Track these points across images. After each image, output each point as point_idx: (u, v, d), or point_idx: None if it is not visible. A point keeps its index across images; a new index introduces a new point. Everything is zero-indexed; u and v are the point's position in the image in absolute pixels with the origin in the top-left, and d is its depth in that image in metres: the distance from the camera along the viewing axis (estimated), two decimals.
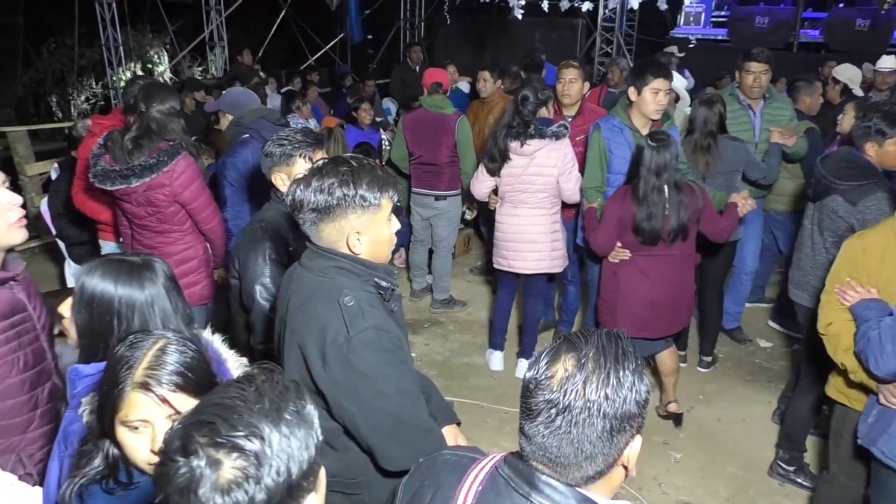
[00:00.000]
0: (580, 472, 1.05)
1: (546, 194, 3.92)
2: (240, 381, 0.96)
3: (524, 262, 4.03)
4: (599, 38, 11.37)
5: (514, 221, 4.00)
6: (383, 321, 1.64)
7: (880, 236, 2.42)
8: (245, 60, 9.47)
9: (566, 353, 1.05)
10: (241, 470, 0.86)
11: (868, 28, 10.09)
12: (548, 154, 3.83)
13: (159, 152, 3.04)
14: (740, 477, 3.45)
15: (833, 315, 2.47)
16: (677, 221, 3.19)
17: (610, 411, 1.01)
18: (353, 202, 1.60)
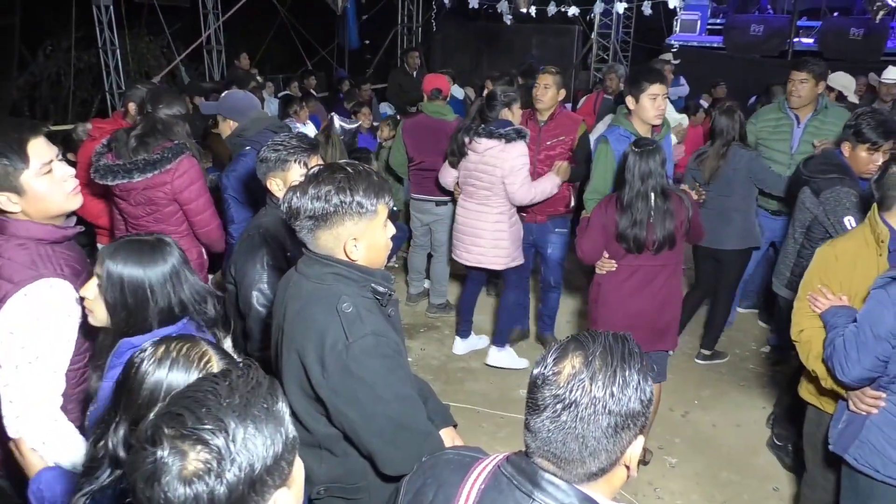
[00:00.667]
0: (583, 468, 1.07)
1: (490, 193, 4.08)
2: (216, 376, 0.99)
3: (468, 253, 4.28)
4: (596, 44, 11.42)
5: (463, 213, 4.27)
6: (381, 327, 1.65)
7: (851, 243, 2.49)
8: (242, 64, 9.48)
9: (574, 351, 1.08)
10: (203, 463, 0.89)
11: (862, 37, 10.18)
12: (497, 154, 3.97)
13: (163, 150, 3.07)
14: (735, 482, 3.47)
15: (804, 322, 2.53)
16: (663, 230, 3.07)
17: (615, 408, 1.04)
18: (349, 209, 1.61)
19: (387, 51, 12.69)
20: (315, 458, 1.74)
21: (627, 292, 3.22)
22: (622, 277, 3.23)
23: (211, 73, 11.34)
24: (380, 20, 12.67)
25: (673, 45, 11.15)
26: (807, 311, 2.52)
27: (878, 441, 2.26)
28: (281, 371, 1.75)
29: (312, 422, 1.72)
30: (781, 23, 10.98)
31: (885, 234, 2.40)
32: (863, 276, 2.40)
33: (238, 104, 3.46)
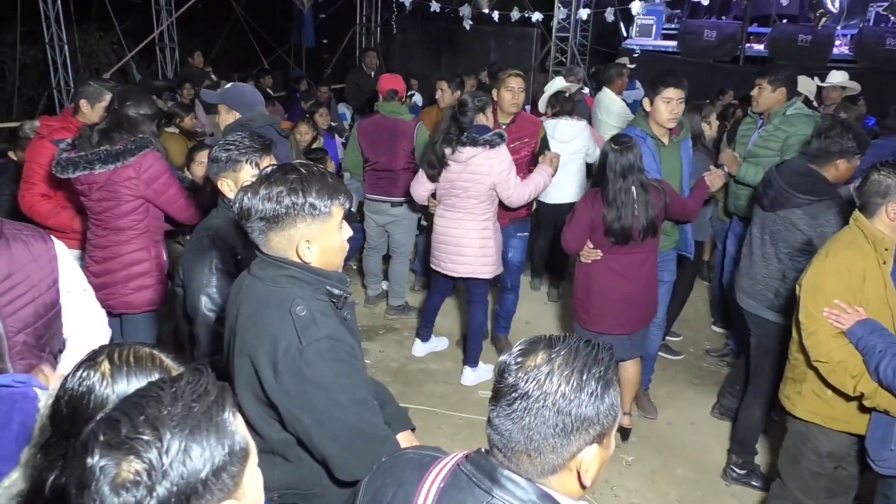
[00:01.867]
0: (531, 463, 1.07)
1: (477, 201, 3.97)
2: (164, 381, 0.96)
3: (454, 265, 4.12)
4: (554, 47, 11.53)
5: (446, 224, 4.10)
6: (336, 330, 1.62)
7: (853, 253, 2.43)
8: (196, 62, 9.29)
9: (542, 347, 1.09)
10: (134, 474, 0.86)
11: (809, 43, 10.48)
12: (482, 161, 3.87)
13: (127, 142, 3.03)
14: (690, 479, 3.52)
15: (830, 342, 2.41)
16: (646, 219, 3.27)
17: (564, 408, 1.04)
18: (302, 210, 1.57)
19: (345, 51, 12.59)
20: (268, 464, 1.69)
21: (617, 279, 3.43)
22: (612, 265, 3.44)
23: (164, 70, 11.08)
24: (338, 20, 12.57)
25: (635, 50, 11.31)
26: (828, 329, 2.41)
27: None
28: (233, 375, 1.70)
29: (265, 427, 1.68)
30: (733, 29, 11.25)
31: (889, 241, 2.40)
32: (872, 286, 2.40)
33: (245, 96, 3.39)
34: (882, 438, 2.39)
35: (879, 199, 2.40)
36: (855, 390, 2.37)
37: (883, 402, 2.34)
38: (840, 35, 11.15)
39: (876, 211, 2.41)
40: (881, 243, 2.41)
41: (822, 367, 2.46)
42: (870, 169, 2.45)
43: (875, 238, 2.41)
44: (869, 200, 2.43)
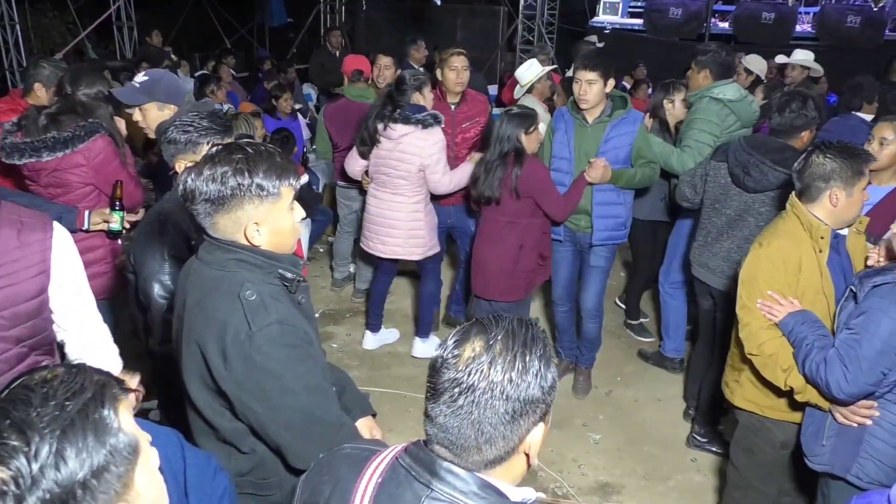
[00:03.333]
0: (480, 455, 1.04)
1: (406, 181, 3.90)
2: (35, 381, 0.90)
3: (383, 245, 4.07)
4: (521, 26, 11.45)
5: (376, 203, 4.05)
6: (288, 315, 1.56)
7: (787, 241, 2.34)
8: (154, 42, 9.03)
9: (476, 334, 1.05)
10: (1, 483, 0.82)
11: (773, 21, 10.55)
12: (413, 141, 3.80)
13: (76, 128, 2.89)
14: (656, 455, 3.56)
15: (762, 334, 2.36)
16: (489, 189, 3.47)
17: (513, 394, 1.01)
18: (248, 192, 1.51)
19: (310, 30, 12.35)
20: (223, 454, 1.65)
21: (483, 242, 3.68)
22: (482, 229, 3.71)
23: (122, 51, 10.76)
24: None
25: (603, 27, 11.30)
26: (760, 321, 2.36)
27: (888, 454, 2.12)
28: (181, 364, 1.64)
29: (216, 417, 1.63)
30: (698, 6, 11.26)
31: (823, 230, 2.30)
32: (808, 276, 2.32)
33: (173, 86, 2.95)
34: (814, 433, 2.32)
35: (822, 183, 2.27)
36: (786, 384, 2.32)
37: (813, 397, 2.27)
38: (803, 13, 11.26)
39: (818, 196, 2.30)
40: (817, 231, 2.31)
41: (755, 360, 2.40)
42: (812, 150, 2.33)
43: (811, 225, 2.31)
44: (811, 184, 2.29)
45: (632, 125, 3.61)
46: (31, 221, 1.90)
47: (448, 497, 1.04)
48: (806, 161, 2.33)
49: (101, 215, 2.96)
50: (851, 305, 2.19)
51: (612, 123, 3.58)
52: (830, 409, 2.26)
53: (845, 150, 2.29)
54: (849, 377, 2.07)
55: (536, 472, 3.39)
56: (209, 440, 1.68)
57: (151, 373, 2.43)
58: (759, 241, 2.44)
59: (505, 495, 1.07)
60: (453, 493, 1.04)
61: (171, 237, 2.20)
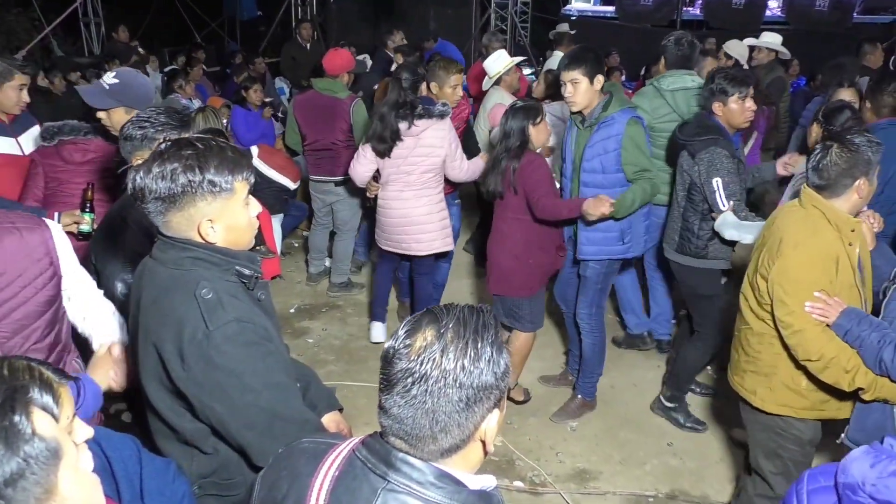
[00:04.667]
0: (435, 444, 1.04)
1: (433, 174, 3.86)
2: None
3: (417, 243, 3.94)
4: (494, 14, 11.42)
5: (401, 205, 3.89)
6: (246, 312, 1.53)
7: (823, 240, 2.28)
8: (121, 37, 8.87)
9: (427, 323, 1.05)
10: None
11: (744, 6, 10.64)
12: (434, 134, 3.75)
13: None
14: (632, 440, 3.58)
15: (820, 339, 2.25)
16: (494, 184, 3.44)
17: (466, 381, 1.01)
18: (200, 188, 1.47)
19: (282, 23, 12.21)
20: (185, 456, 1.63)
21: (490, 239, 3.66)
22: (492, 226, 3.66)
23: (90, 47, 10.57)
24: None
25: (578, 14, 11.33)
26: (814, 326, 2.26)
27: None
28: (138, 365, 1.61)
29: (176, 418, 1.59)
30: None
31: (853, 223, 2.29)
32: (843, 272, 2.28)
33: (143, 87, 2.87)
34: (878, 426, 2.25)
35: (849, 179, 2.24)
36: (851, 385, 2.23)
37: (883, 393, 2.22)
38: None
39: (845, 191, 2.25)
40: (847, 225, 2.27)
41: (814, 365, 2.28)
42: (829, 145, 2.27)
43: (840, 220, 2.27)
44: (838, 181, 2.24)
45: (617, 127, 3.29)
46: (25, 224, 1.93)
47: (405, 488, 1.04)
48: (825, 156, 2.26)
49: (72, 216, 2.92)
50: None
51: (598, 125, 3.32)
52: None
53: (861, 139, 2.26)
54: None
55: (514, 461, 3.40)
56: (170, 442, 1.65)
57: None
58: (791, 243, 2.30)
59: (462, 483, 1.06)
60: (410, 484, 1.04)
61: (132, 234, 2.16)
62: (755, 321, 2.48)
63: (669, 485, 3.28)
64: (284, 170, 4.85)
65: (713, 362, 3.91)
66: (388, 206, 3.94)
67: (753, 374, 2.53)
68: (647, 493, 3.23)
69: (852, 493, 1.41)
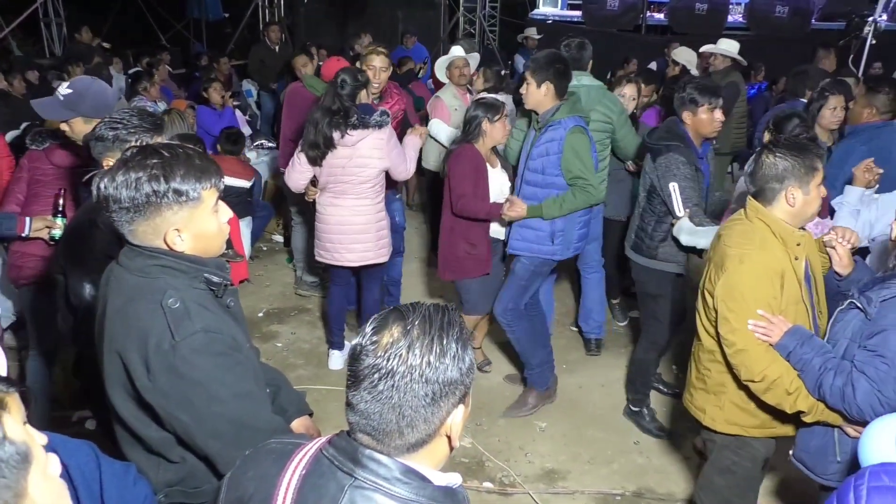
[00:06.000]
0: (402, 439, 1.06)
1: (370, 185, 3.74)
2: None
3: (350, 253, 3.83)
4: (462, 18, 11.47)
5: (338, 213, 3.77)
6: (214, 322, 1.52)
7: (768, 254, 2.22)
8: (84, 38, 8.70)
9: (394, 321, 1.08)
10: None
11: (706, 12, 10.85)
12: (372, 144, 3.63)
13: None
14: (600, 439, 3.63)
15: (763, 360, 2.20)
16: (441, 166, 3.67)
17: (432, 376, 1.04)
18: (166, 198, 1.46)
19: (250, 26, 12.10)
20: (152, 464, 1.61)
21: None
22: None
23: (51, 48, 10.35)
24: None
25: (545, 19, 11.43)
26: (756, 346, 2.20)
27: None
28: (103, 373, 1.59)
29: (142, 427, 1.58)
30: None
31: (798, 236, 2.24)
32: (789, 287, 2.22)
33: (99, 97, 2.72)
34: (820, 450, 2.24)
35: (776, 184, 2.19)
36: (793, 407, 2.19)
37: (825, 417, 2.18)
38: (734, 3, 11.60)
39: (774, 197, 2.21)
40: (792, 238, 2.22)
41: (756, 385, 2.23)
42: (761, 150, 2.26)
43: (785, 232, 2.22)
44: (765, 186, 2.21)
45: (560, 133, 3.31)
46: None
47: (371, 484, 1.06)
48: (757, 162, 2.23)
49: (44, 221, 2.90)
50: (856, 319, 2.11)
51: (546, 128, 3.36)
52: (842, 425, 2.17)
53: (795, 147, 2.22)
54: (883, 401, 1.96)
55: (483, 462, 3.43)
56: (136, 450, 1.63)
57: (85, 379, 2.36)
58: (736, 257, 2.24)
59: (428, 479, 1.09)
60: (376, 480, 1.06)
61: (102, 236, 2.12)
62: (705, 337, 2.42)
63: (636, 483, 3.34)
64: (238, 173, 4.92)
65: (679, 362, 3.99)
66: (324, 212, 3.83)
67: (703, 391, 2.48)
68: (615, 491, 3.28)
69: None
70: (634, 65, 8.24)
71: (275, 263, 5.70)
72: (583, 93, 3.85)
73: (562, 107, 3.36)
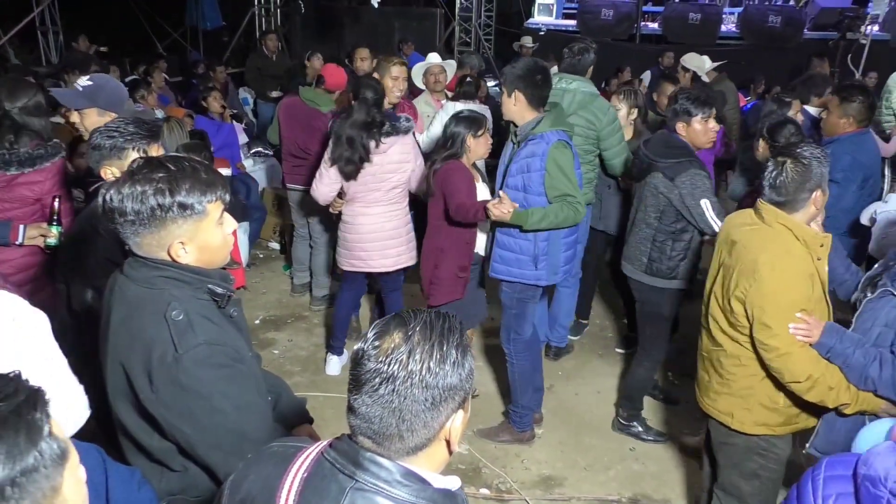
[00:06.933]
0: (402, 443, 1.09)
1: (400, 189, 3.84)
2: None
3: (385, 259, 3.88)
4: (458, 27, 11.54)
5: (370, 221, 3.81)
6: (217, 334, 1.54)
7: (798, 258, 2.26)
8: (81, 47, 8.73)
9: (396, 327, 1.10)
10: None
11: (700, 21, 10.93)
12: (400, 149, 3.74)
13: (44, 146, 2.96)
14: (596, 446, 3.66)
15: (806, 361, 2.25)
16: (426, 184, 3.55)
17: (432, 382, 1.07)
18: (171, 211, 1.48)
19: (247, 34, 12.14)
20: (154, 473, 1.63)
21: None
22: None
23: (48, 56, 10.36)
24: (236, 1, 12.10)
25: (540, 28, 11.50)
26: (799, 348, 2.25)
27: None
28: (105, 382, 1.61)
29: (144, 436, 1.60)
30: (629, 8, 11.58)
31: (822, 237, 2.29)
32: (816, 288, 2.29)
33: (117, 91, 2.94)
34: (847, 436, 2.25)
35: (807, 193, 2.23)
36: (836, 401, 2.26)
37: (865, 406, 2.26)
38: (727, 13, 11.69)
39: (804, 205, 2.25)
40: (815, 240, 2.26)
41: (800, 386, 2.27)
42: (783, 161, 2.25)
43: (808, 237, 2.26)
44: (796, 195, 2.23)
45: (542, 147, 3.12)
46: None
47: (372, 486, 1.08)
48: (780, 172, 2.24)
49: (39, 229, 2.92)
50: (889, 306, 2.21)
51: (526, 141, 3.19)
52: (887, 410, 2.23)
53: (810, 152, 2.26)
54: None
55: (480, 468, 3.44)
56: (139, 458, 1.65)
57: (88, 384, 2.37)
58: (768, 264, 2.25)
59: (428, 482, 1.11)
60: (377, 483, 1.08)
61: (103, 241, 2.14)
62: (728, 343, 2.43)
63: (632, 489, 3.36)
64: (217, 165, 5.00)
65: (673, 368, 4.02)
66: (354, 221, 3.86)
67: (728, 395, 2.49)
68: (611, 497, 3.31)
69: (872, 486, 1.44)
70: (628, 73, 8.31)
71: (271, 271, 5.72)
72: (567, 97, 3.88)
73: (543, 119, 3.17)
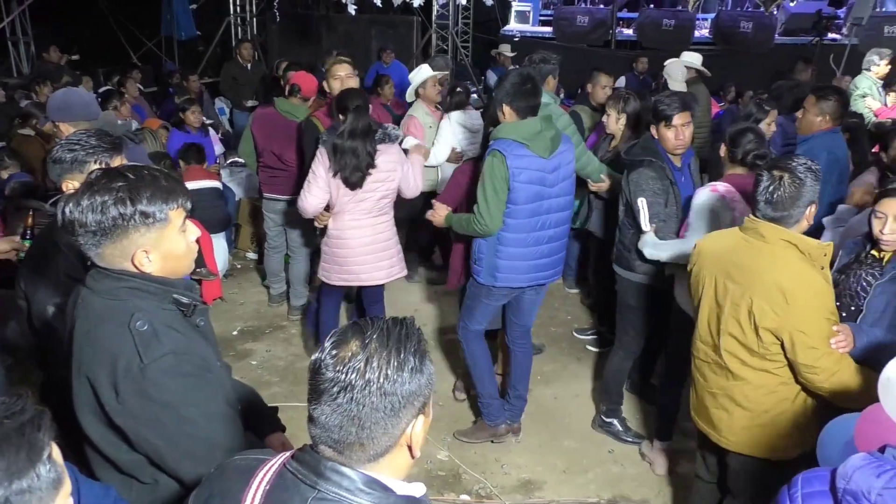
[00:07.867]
0: (363, 450, 1.09)
1: (388, 199, 3.74)
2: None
3: (378, 272, 3.81)
4: (435, 34, 11.57)
5: (361, 234, 3.70)
6: (182, 344, 1.52)
7: (812, 275, 2.23)
8: (52, 58, 8.63)
9: (353, 335, 1.10)
10: None
11: (673, 27, 11.08)
12: (388, 158, 3.64)
13: None
14: (575, 449, 3.67)
15: (852, 373, 2.22)
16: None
17: (390, 389, 1.07)
18: (132, 220, 1.46)
19: (222, 43, 12.08)
20: (124, 486, 1.61)
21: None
22: None
23: (19, 67, 10.23)
24: (210, 10, 12.03)
25: (515, 36, 11.57)
26: (846, 365, 2.23)
27: None
28: (73, 397, 1.58)
29: (112, 450, 1.58)
30: (604, 14, 11.71)
31: (825, 247, 2.27)
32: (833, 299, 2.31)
33: (90, 108, 2.94)
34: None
35: (803, 207, 2.22)
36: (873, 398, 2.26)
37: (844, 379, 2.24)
38: (700, 19, 11.86)
39: (802, 217, 2.24)
40: (819, 251, 2.24)
41: (827, 391, 2.26)
42: (780, 176, 2.21)
43: (811, 249, 2.23)
44: (793, 210, 2.21)
45: (487, 156, 3.13)
46: None
47: (335, 496, 1.08)
48: (777, 187, 2.20)
49: (11, 243, 2.85)
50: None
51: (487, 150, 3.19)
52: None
53: (803, 164, 2.25)
54: None
55: (460, 474, 3.44)
56: (109, 472, 1.63)
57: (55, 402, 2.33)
58: (791, 287, 2.21)
59: (391, 489, 1.11)
60: (339, 492, 1.08)
61: (65, 258, 2.11)
62: (754, 375, 2.37)
63: (611, 491, 3.37)
64: (207, 177, 5.12)
65: (656, 371, 4.04)
66: (344, 236, 3.71)
67: (760, 427, 2.42)
68: (591, 499, 3.32)
69: (854, 501, 1.40)
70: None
71: (249, 281, 5.67)
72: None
73: (502, 127, 3.11)
